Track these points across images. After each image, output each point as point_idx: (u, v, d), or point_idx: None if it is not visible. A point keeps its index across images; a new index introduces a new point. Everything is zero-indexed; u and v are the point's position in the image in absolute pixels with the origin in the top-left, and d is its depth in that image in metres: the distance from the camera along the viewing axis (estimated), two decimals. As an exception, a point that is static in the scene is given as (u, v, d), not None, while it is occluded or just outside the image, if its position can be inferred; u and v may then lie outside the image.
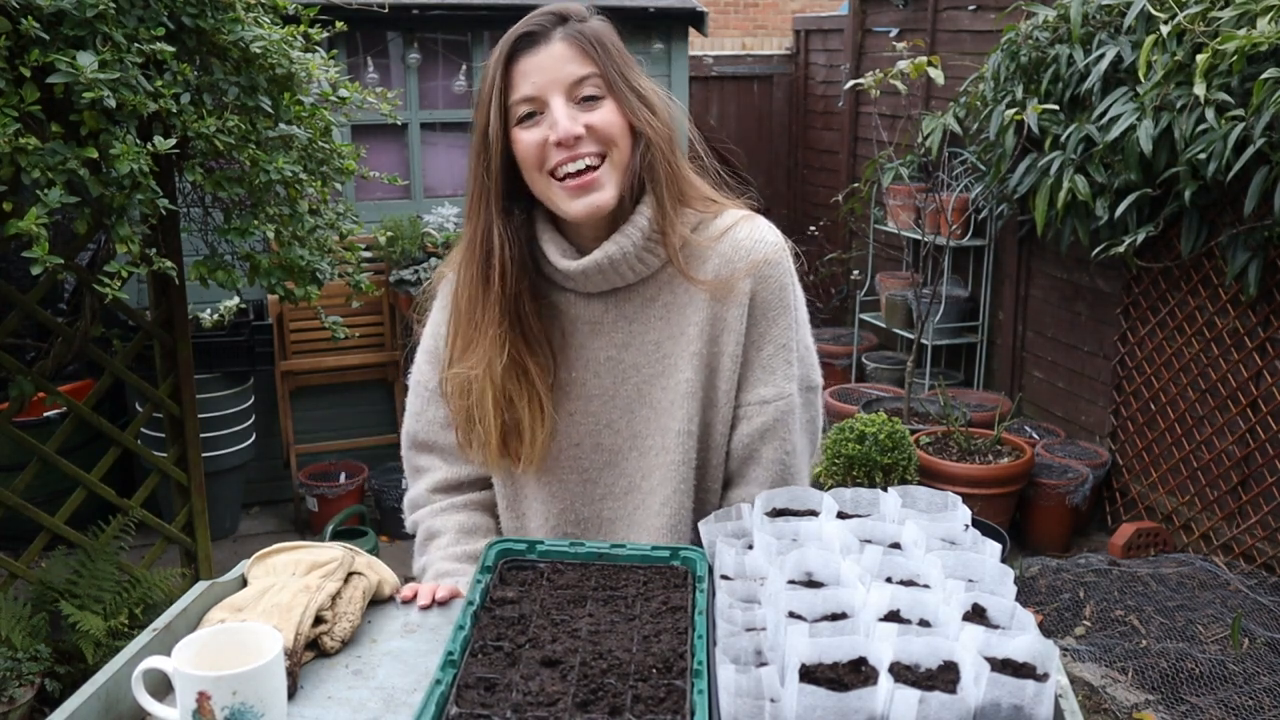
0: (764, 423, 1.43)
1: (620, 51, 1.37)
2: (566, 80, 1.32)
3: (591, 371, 1.44)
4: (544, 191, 1.36)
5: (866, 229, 5.83)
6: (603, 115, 1.33)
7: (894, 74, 4.44)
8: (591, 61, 1.33)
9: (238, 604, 1.24)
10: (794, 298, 1.45)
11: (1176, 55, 3.52)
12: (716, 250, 1.41)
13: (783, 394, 1.43)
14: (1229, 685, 3.02)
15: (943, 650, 0.97)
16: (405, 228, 4.47)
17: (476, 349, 1.40)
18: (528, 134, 1.33)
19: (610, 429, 1.45)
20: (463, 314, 1.42)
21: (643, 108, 1.36)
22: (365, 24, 4.37)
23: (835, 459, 4.01)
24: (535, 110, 1.33)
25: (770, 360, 1.43)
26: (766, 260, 1.41)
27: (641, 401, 1.43)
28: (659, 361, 1.42)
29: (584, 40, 1.33)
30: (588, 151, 1.32)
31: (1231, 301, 3.77)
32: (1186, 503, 4.04)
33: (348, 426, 4.77)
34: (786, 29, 8.42)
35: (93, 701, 1.06)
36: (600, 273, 1.38)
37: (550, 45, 1.33)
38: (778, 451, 1.44)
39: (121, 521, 3.13)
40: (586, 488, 1.47)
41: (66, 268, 2.30)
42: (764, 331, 1.42)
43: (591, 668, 1.03)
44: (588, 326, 1.43)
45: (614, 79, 1.34)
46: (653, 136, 1.36)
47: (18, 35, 2.04)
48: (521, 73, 1.33)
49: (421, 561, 1.54)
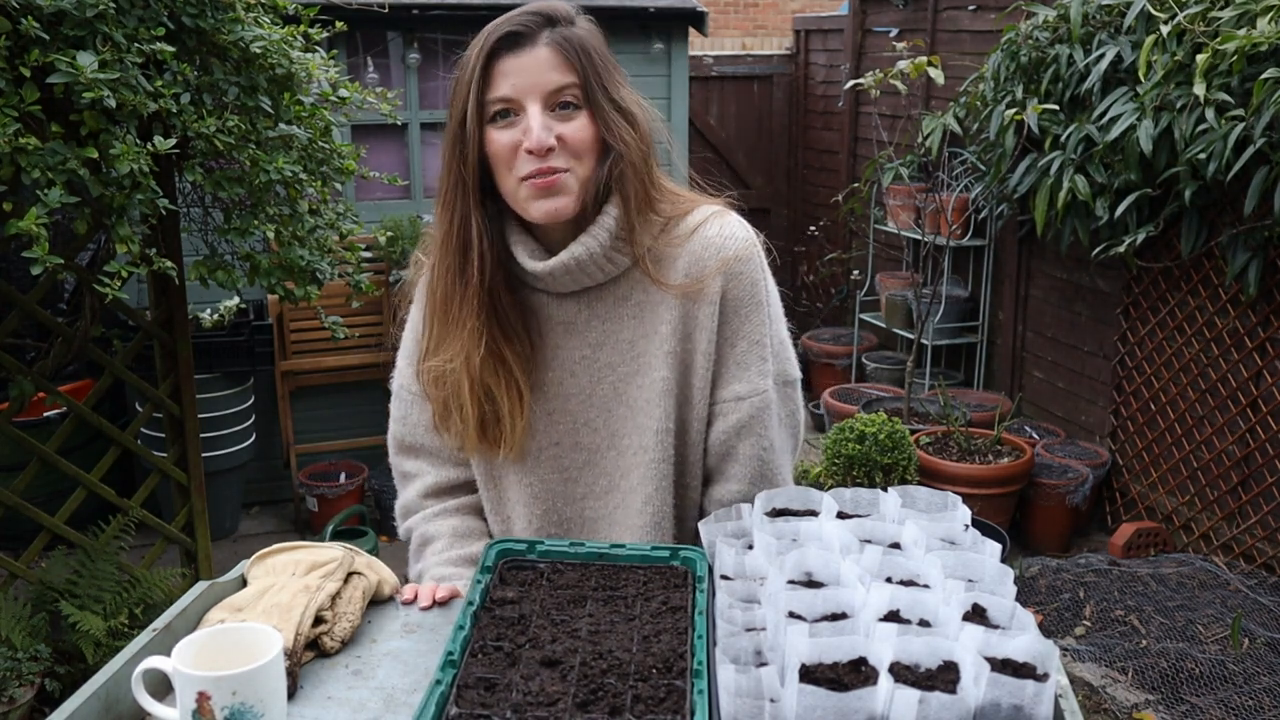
0: (740, 419, 1.43)
1: (604, 60, 1.36)
2: (546, 87, 1.31)
3: (568, 371, 1.44)
4: (511, 191, 1.36)
5: (866, 229, 5.83)
6: (575, 128, 1.33)
7: (894, 74, 4.44)
8: (573, 70, 1.32)
9: (238, 604, 1.24)
10: (766, 293, 1.44)
11: (1176, 55, 3.52)
12: (686, 249, 1.41)
13: (757, 390, 1.43)
14: (1229, 685, 3.02)
15: (943, 650, 0.97)
16: (405, 228, 4.47)
17: (453, 342, 1.39)
18: (501, 134, 1.33)
19: (589, 427, 1.45)
20: (438, 307, 1.41)
21: (619, 121, 1.35)
22: (365, 24, 4.37)
23: (835, 459, 4.01)
24: (511, 111, 1.32)
25: (744, 356, 1.43)
26: (737, 257, 1.40)
27: (618, 400, 1.44)
28: (633, 360, 1.43)
29: (569, 48, 1.32)
30: (557, 165, 1.32)
31: (1231, 301, 3.77)
32: (1186, 503, 4.04)
33: (348, 426, 4.77)
34: (786, 29, 8.42)
35: (93, 701, 1.06)
36: (568, 273, 1.38)
37: (535, 49, 1.32)
38: (755, 448, 1.44)
39: (121, 521, 3.13)
40: (568, 487, 1.48)
41: (66, 268, 2.30)
42: (737, 328, 1.42)
43: (591, 668, 1.03)
44: (561, 326, 1.43)
45: (593, 90, 1.33)
46: (624, 150, 1.35)
47: (18, 35, 2.04)
48: (502, 71, 1.32)
49: (418, 568, 1.54)
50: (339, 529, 4.02)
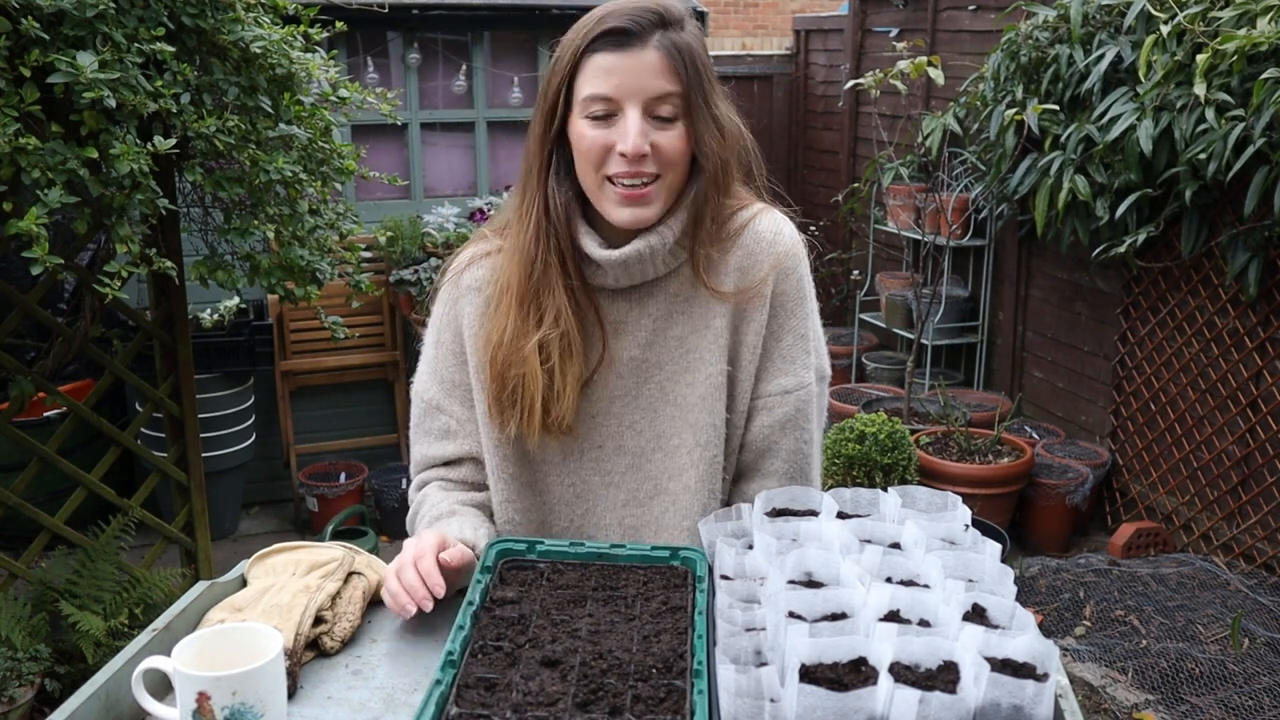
0: (785, 413, 1.42)
1: (706, 69, 1.34)
2: (650, 93, 1.29)
3: (615, 373, 1.42)
4: (594, 188, 1.35)
5: (866, 229, 5.83)
6: (671, 139, 1.31)
7: (894, 74, 4.44)
8: (678, 79, 1.30)
9: (238, 604, 1.25)
10: (808, 289, 1.46)
11: (1176, 55, 3.52)
12: (739, 244, 1.41)
13: (803, 384, 1.43)
14: (1229, 685, 3.02)
15: (943, 650, 0.97)
16: (405, 228, 4.47)
17: (546, 311, 1.37)
18: (593, 131, 1.31)
19: (633, 430, 1.43)
20: (524, 277, 1.38)
21: (713, 134, 1.34)
22: (365, 24, 4.37)
23: (835, 459, 4.01)
24: (608, 111, 1.30)
25: (789, 350, 1.43)
26: (787, 253, 1.42)
27: (665, 400, 1.42)
28: (682, 358, 1.41)
29: (678, 55, 1.30)
30: (648, 171, 1.31)
31: (1231, 301, 3.77)
32: (1186, 503, 4.04)
33: (348, 426, 4.77)
34: (786, 29, 8.41)
35: (93, 701, 1.06)
36: (639, 263, 1.37)
37: (644, 51, 1.29)
38: (797, 442, 1.43)
39: (121, 521, 3.13)
40: (610, 492, 1.45)
41: (66, 268, 2.30)
42: (783, 322, 1.42)
43: (591, 668, 1.03)
44: (612, 327, 1.42)
45: (694, 102, 1.31)
46: (708, 167, 1.35)
47: (18, 35, 2.04)
48: (605, 68, 1.29)
49: (416, 501, 1.52)
50: (339, 529, 4.02)
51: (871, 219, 5.66)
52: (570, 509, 1.47)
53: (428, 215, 4.59)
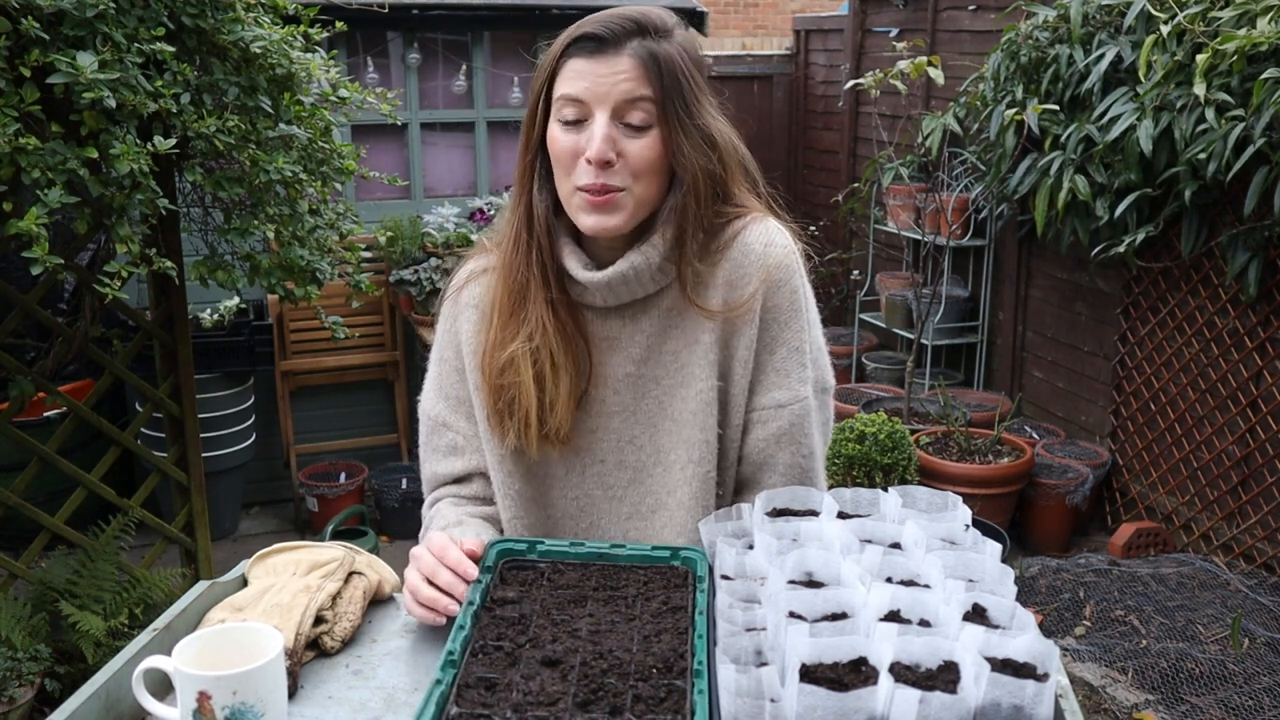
0: (780, 427, 1.40)
1: (690, 78, 1.31)
2: (618, 98, 1.27)
3: (611, 389, 1.41)
4: (566, 195, 1.34)
5: (866, 229, 5.83)
6: (641, 146, 1.29)
7: (894, 74, 4.44)
8: (650, 85, 1.28)
9: (238, 604, 1.25)
10: (804, 300, 1.42)
11: (1176, 55, 3.52)
12: (727, 257, 1.38)
13: (798, 397, 1.41)
14: (1229, 685, 3.02)
15: (943, 650, 0.97)
16: (405, 228, 4.47)
17: (525, 322, 1.36)
18: (564, 135, 1.30)
19: (634, 445, 1.43)
20: (508, 290, 1.38)
21: (695, 143, 1.30)
22: (365, 24, 4.37)
23: (835, 459, 4.01)
24: (579, 116, 1.29)
25: (783, 363, 1.40)
26: (778, 264, 1.38)
27: (663, 414, 1.41)
28: (677, 372, 1.40)
29: (652, 61, 1.28)
30: (614, 184, 1.29)
31: (1231, 301, 3.77)
32: (1186, 503, 4.04)
33: (348, 426, 4.78)
34: (786, 29, 8.41)
35: (93, 701, 1.06)
36: (625, 284, 1.36)
37: (617, 57, 1.27)
38: (794, 455, 1.41)
39: (121, 521, 3.13)
40: (612, 505, 1.45)
41: (66, 268, 2.30)
42: (776, 335, 1.40)
43: (592, 668, 1.03)
44: (605, 343, 1.41)
45: (671, 110, 1.28)
46: (690, 179, 1.31)
47: (18, 35, 2.04)
48: (577, 71, 1.28)
49: (428, 518, 1.52)
50: (339, 529, 4.02)
51: (871, 219, 5.66)
52: (574, 523, 1.46)
53: (428, 215, 4.59)
